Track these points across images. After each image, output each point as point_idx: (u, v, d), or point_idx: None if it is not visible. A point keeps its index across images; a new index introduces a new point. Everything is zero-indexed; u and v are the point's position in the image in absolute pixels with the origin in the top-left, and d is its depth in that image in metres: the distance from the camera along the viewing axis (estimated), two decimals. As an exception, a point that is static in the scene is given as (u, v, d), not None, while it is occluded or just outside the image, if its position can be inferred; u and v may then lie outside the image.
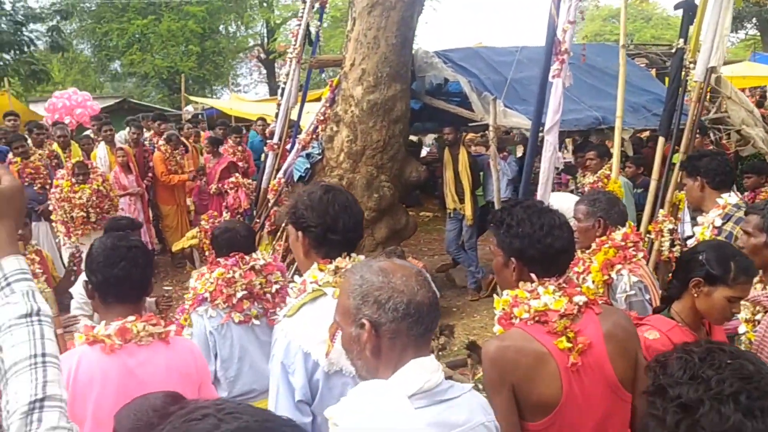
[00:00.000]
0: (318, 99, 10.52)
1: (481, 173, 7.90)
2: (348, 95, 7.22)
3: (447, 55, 7.73)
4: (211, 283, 3.22)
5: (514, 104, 6.98)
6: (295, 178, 7.50)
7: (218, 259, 3.35)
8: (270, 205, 7.73)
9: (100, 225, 6.54)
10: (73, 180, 6.67)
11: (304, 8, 8.28)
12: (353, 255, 2.15)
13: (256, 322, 3.25)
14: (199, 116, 14.67)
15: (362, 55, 7.09)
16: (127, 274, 2.20)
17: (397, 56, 7.02)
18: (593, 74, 8.17)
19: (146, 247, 2.49)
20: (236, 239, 3.38)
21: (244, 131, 13.46)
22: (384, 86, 7.03)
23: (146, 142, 8.92)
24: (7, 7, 18.53)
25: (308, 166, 7.40)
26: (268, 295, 3.31)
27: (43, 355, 1.10)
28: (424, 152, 11.93)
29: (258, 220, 7.96)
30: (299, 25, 8.24)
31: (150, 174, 8.51)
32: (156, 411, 1.77)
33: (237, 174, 8.34)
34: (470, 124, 7.48)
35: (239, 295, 3.21)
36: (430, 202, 12.16)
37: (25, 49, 18.33)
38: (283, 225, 7.70)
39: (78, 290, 4.37)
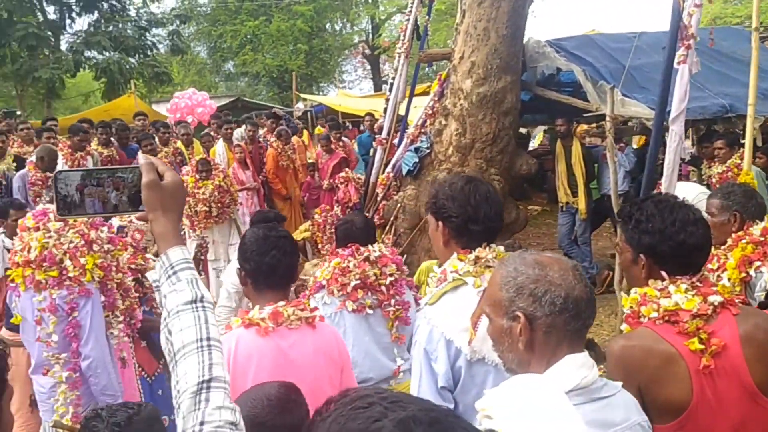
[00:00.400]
0: (426, 93, 10.54)
1: (595, 165, 7.61)
2: (457, 88, 7.17)
3: (560, 44, 7.50)
4: (329, 271, 3.32)
5: (633, 92, 6.66)
6: (404, 172, 7.54)
7: (337, 250, 3.46)
8: (379, 199, 7.82)
9: (222, 219, 6.86)
10: (197, 176, 7.00)
11: (412, 2, 8.30)
12: (493, 245, 2.16)
13: (370, 311, 3.30)
14: (308, 113, 15.04)
15: (471, 47, 7.01)
16: (277, 262, 2.35)
17: (507, 47, 6.89)
18: (719, 59, 7.68)
19: (292, 237, 2.63)
20: (352, 230, 3.49)
21: (350, 127, 13.74)
22: (494, 78, 6.92)
23: (261, 139, 9.25)
24: (132, 13, 19.85)
25: (417, 160, 7.41)
26: (383, 287, 3.34)
27: (208, 339, 1.17)
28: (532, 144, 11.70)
29: (367, 214, 8.08)
30: (407, 19, 8.27)
31: (264, 169, 8.83)
32: (270, 400, 1.84)
33: (347, 169, 8.50)
34: (585, 115, 7.22)
35: (353, 284, 3.27)
36: (538, 196, 11.89)
37: (149, 52, 19.52)
38: (392, 219, 7.79)
39: (230, 279, 4.65)
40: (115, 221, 3.71)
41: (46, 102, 18.47)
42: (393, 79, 8.53)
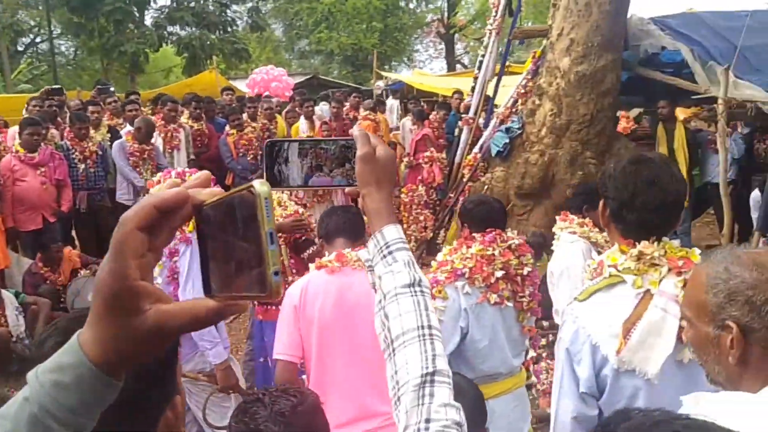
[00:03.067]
0: (514, 73, 10.24)
1: (698, 151, 7.19)
2: (554, 66, 6.87)
3: (665, 21, 7.08)
4: (469, 258, 3.05)
5: (746, 75, 6.23)
6: (493, 153, 7.31)
7: (474, 234, 3.16)
8: (465, 180, 7.63)
9: (324, 198, 6.76)
10: None
11: (505, -22, 8.01)
12: (666, 240, 1.90)
13: (508, 304, 3.10)
14: (387, 91, 14.90)
15: (572, 23, 6.69)
16: (343, 222, 2.92)
17: (610, 24, 6.54)
18: None
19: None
20: (491, 213, 3.20)
21: (424, 106, 13.53)
22: (594, 56, 6.59)
23: (345, 116, 9.16)
24: (213, -10, 20.14)
25: (507, 140, 7.17)
26: (519, 278, 3.14)
27: (429, 327, 1.06)
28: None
29: (452, 195, 7.91)
30: (500, -5, 7.99)
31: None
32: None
33: (432, 148, 8.32)
34: (693, 97, 6.80)
35: (498, 274, 3.04)
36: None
37: (228, 29, 19.77)
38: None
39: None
40: None
41: (130, 76, 18.97)
42: (482, 56, 8.28)
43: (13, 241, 6.55)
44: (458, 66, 31.27)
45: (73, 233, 7.30)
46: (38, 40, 27.03)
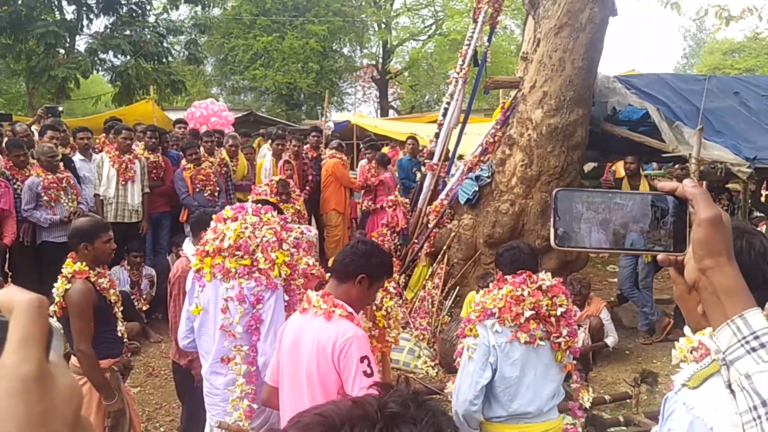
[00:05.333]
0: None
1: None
2: (525, 118, 6.95)
3: (629, 81, 7.35)
4: (500, 299, 3.18)
5: (711, 136, 6.49)
6: (461, 200, 7.27)
7: (505, 277, 3.26)
8: (431, 226, 7.53)
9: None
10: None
11: (474, 28, 8.12)
12: None
13: (541, 343, 3.17)
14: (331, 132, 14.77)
15: (545, 77, 6.81)
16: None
17: (582, 80, 6.70)
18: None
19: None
20: (520, 257, 3.32)
21: (362, 149, 13.51)
22: (566, 110, 6.71)
23: (303, 155, 8.93)
24: (151, 19, 19.54)
25: (476, 188, 7.15)
26: (552, 318, 3.21)
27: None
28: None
29: (416, 241, 7.78)
30: (468, 45, 8.08)
31: (307, 186, 8.52)
32: None
33: (396, 193, 8.20)
34: (664, 155, 7.02)
35: (527, 314, 3.14)
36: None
37: (164, 60, 19.18)
38: (444, 248, 7.49)
39: None
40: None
41: (56, 101, 17.99)
42: (447, 103, 8.31)
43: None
44: (390, 111, 31.69)
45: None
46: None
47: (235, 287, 3.20)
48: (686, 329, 2.01)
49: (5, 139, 7.18)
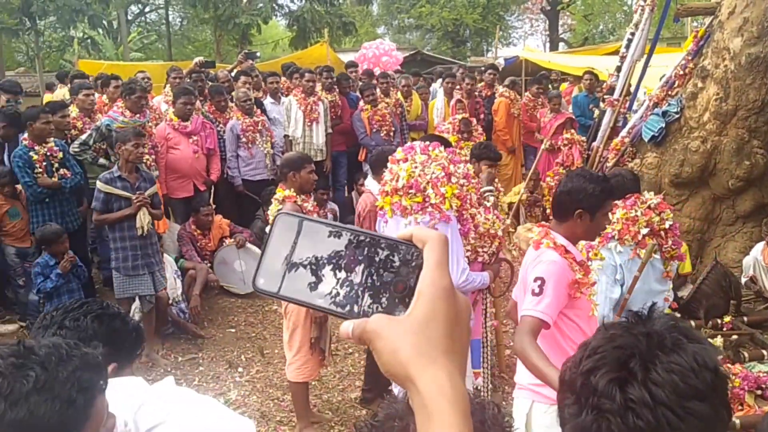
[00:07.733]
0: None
1: None
2: (722, 47, 6.39)
3: None
4: (616, 222, 3.64)
5: None
6: (646, 138, 6.91)
7: (615, 202, 3.61)
8: (610, 165, 7.26)
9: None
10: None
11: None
12: None
13: (655, 256, 3.61)
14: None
15: (746, 1, 6.20)
16: None
17: (791, 3, 6.01)
18: None
19: None
20: (624, 183, 3.82)
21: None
22: (770, 38, 6.08)
23: (476, 93, 8.91)
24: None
25: (663, 125, 6.76)
26: (662, 232, 3.66)
27: None
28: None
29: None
30: (656, -31, 7.51)
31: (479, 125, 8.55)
32: None
33: (572, 130, 7.98)
34: None
35: (644, 231, 3.62)
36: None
37: (335, 2, 19.72)
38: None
39: None
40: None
41: (240, 48, 19.24)
42: (631, 34, 7.83)
43: (165, 209, 6.72)
44: (560, 44, 30.24)
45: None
46: (147, 9, 27.97)
47: (412, 222, 3.44)
48: None
49: (209, 85, 7.92)
